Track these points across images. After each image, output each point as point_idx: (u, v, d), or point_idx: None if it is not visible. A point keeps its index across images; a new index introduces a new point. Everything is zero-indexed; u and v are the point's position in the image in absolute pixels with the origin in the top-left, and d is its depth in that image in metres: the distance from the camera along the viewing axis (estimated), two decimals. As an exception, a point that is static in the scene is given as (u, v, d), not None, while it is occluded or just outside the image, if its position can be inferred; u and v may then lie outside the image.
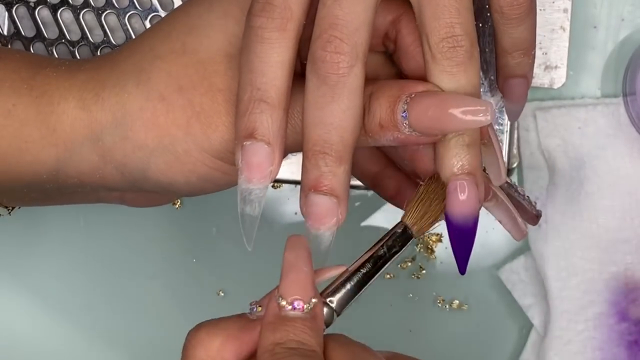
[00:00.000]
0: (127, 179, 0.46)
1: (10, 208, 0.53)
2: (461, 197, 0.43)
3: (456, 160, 0.43)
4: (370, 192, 0.63)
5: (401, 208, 0.48)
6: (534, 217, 0.50)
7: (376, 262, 0.44)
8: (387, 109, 0.42)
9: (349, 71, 0.41)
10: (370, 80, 0.43)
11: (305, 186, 0.42)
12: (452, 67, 0.42)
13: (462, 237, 0.44)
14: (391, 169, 0.49)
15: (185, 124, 0.44)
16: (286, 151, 0.43)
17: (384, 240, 0.45)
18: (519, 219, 0.48)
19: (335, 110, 0.41)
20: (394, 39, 0.45)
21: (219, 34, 0.44)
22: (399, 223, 0.45)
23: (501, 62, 0.51)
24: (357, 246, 0.63)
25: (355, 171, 0.50)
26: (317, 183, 0.42)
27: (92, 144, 0.45)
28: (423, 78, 0.43)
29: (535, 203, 0.51)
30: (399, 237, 0.45)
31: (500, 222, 0.49)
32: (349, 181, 0.43)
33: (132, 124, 0.44)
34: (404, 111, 0.42)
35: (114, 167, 0.45)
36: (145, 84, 0.44)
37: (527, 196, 0.50)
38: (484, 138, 0.45)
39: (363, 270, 0.44)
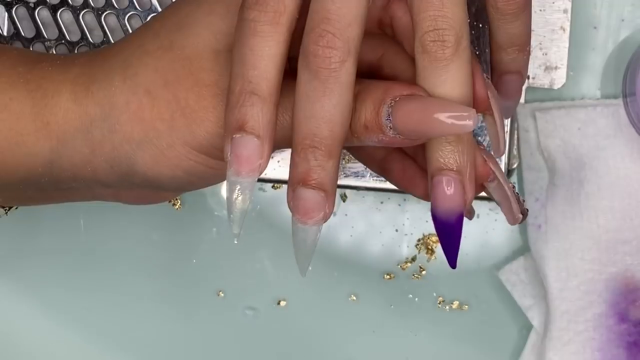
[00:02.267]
0: (116, 172, 0.46)
1: (7, 208, 0.53)
2: (445, 192, 0.43)
3: (442, 157, 0.43)
4: (370, 193, 0.63)
5: (407, 191, 0.48)
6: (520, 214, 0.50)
7: None
8: (372, 111, 0.42)
9: (341, 66, 0.41)
10: (357, 79, 0.43)
11: (293, 180, 0.42)
12: (432, 62, 0.42)
13: (447, 232, 0.44)
14: (397, 153, 0.49)
15: (170, 118, 0.44)
16: (274, 147, 0.43)
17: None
18: (515, 205, 0.48)
19: (326, 104, 0.41)
20: (389, 23, 0.45)
21: (205, 31, 0.44)
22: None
23: (496, 58, 0.51)
24: (356, 246, 0.63)
25: (363, 157, 0.50)
26: (306, 177, 0.42)
27: (83, 136, 0.45)
28: None
29: (524, 201, 0.51)
30: None
31: (498, 204, 0.49)
32: (337, 176, 0.43)
33: (118, 117, 0.45)
34: (389, 114, 0.42)
35: (104, 160, 0.46)
36: (132, 78, 0.45)
37: (517, 193, 0.50)
38: (486, 110, 0.45)
39: None
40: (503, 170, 0.61)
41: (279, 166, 0.61)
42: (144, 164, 0.45)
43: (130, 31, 0.61)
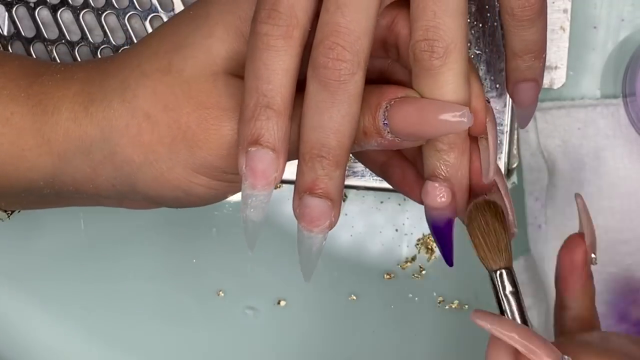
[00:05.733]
0: (118, 190, 0.46)
1: (10, 212, 0.53)
2: (435, 199, 0.44)
3: (435, 165, 0.44)
4: (370, 193, 0.63)
5: (406, 195, 0.49)
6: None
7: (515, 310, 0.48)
8: (369, 116, 0.43)
9: (350, 78, 0.41)
10: None
11: (300, 188, 0.43)
12: (422, 70, 0.43)
13: (438, 235, 0.46)
14: (397, 158, 0.49)
15: (171, 142, 0.44)
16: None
17: (500, 300, 0.48)
18: (510, 213, 0.49)
19: (335, 115, 0.41)
20: (395, 43, 0.45)
21: (204, 55, 0.44)
22: (491, 275, 0.47)
23: (511, 66, 0.51)
24: (357, 246, 0.63)
25: (365, 160, 0.51)
26: (313, 186, 0.42)
27: (84, 156, 0.45)
28: None
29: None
30: (504, 280, 0.47)
31: None
32: (343, 185, 0.43)
33: (118, 140, 0.45)
34: (385, 118, 0.43)
35: (105, 179, 0.46)
36: (131, 101, 0.45)
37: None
38: (483, 133, 0.45)
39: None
40: (502, 169, 0.61)
41: (279, 166, 0.61)
42: (145, 185, 0.45)
43: (131, 31, 0.61)
